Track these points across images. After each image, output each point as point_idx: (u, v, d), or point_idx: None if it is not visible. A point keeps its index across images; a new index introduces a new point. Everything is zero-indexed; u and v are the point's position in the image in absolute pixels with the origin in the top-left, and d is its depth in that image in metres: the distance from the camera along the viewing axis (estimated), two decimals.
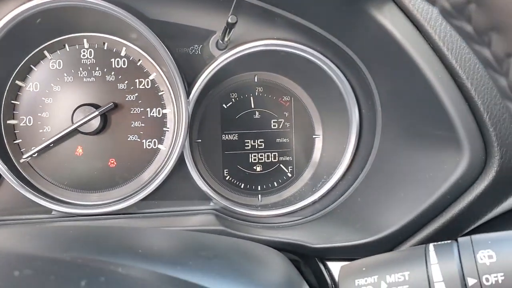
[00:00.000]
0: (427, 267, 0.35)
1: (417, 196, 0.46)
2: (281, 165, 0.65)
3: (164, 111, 0.60)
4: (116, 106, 0.59)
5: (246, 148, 0.65)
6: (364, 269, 0.38)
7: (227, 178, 0.64)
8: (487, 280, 0.33)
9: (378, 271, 0.36)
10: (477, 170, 0.44)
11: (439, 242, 0.37)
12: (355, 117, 0.58)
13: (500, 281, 0.33)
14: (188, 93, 0.57)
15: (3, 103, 0.58)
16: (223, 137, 0.64)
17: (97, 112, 0.57)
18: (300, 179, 0.64)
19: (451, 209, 0.45)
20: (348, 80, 0.57)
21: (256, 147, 0.65)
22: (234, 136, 0.64)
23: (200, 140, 0.63)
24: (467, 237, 0.36)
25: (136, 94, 0.60)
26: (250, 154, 0.65)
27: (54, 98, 0.59)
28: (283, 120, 0.65)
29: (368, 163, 0.54)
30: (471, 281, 0.34)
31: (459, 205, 0.45)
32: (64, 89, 0.59)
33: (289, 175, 0.65)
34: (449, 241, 0.37)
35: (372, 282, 0.36)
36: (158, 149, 0.61)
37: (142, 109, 0.61)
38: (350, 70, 0.57)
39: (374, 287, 0.36)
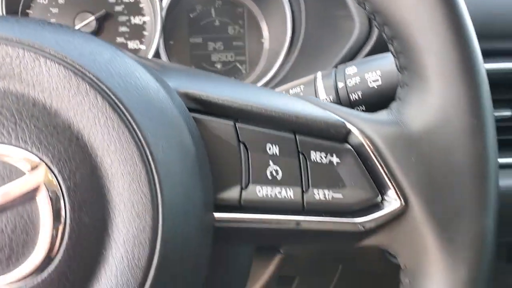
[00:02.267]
0: (315, 82, 0.54)
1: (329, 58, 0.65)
2: (237, 63, 0.84)
3: (143, 18, 0.78)
4: (107, 14, 0.77)
5: (209, 49, 0.83)
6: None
7: None
8: (350, 82, 0.52)
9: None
10: (364, 36, 0.63)
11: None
12: (289, 17, 0.76)
13: (357, 83, 0.52)
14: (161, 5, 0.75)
15: (19, 12, 0.76)
16: (190, 40, 0.82)
17: (93, 17, 0.76)
18: (252, 74, 0.83)
19: None
20: None
21: (217, 48, 0.83)
22: (199, 39, 0.82)
23: (172, 42, 0.81)
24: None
25: (122, 6, 0.79)
26: (211, 54, 0.83)
27: (59, 8, 0.77)
28: (238, 27, 0.83)
29: (297, 48, 0.73)
30: (340, 84, 0.52)
31: None
32: (67, 1, 0.77)
33: (243, 72, 0.84)
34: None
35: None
36: (139, 49, 0.79)
37: (127, 18, 0.79)
38: None
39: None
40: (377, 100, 0.52)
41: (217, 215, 0.35)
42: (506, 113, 0.67)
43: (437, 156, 0.35)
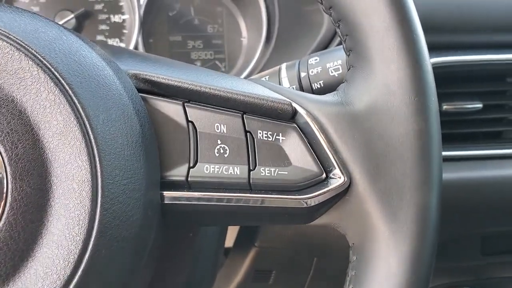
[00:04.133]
0: (279, 73, 0.55)
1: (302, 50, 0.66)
2: (216, 61, 0.85)
3: (123, 17, 0.80)
4: (87, 12, 0.79)
5: (188, 47, 0.84)
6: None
7: None
8: (312, 72, 0.53)
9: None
10: (333, 29, 0.64)
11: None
12: (264, 15, 0.77)
13: (319, 72, 0.53)
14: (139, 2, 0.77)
15: None
16: (170, 38, 0.83)
17: (73, 15, 0.77)
18: (231, 71, 0.84)
19: None
20: None
21: (196, 46, 0.84)
22: (179, 37, 0.83)
23: (152, 40, 0.82)
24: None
25: (102, 4, 0.80)
26: (191, 52, 0.84)
27: (40, 6, 0.78)
28: (217, 25, 0.84)
29: (272, 44, 0.75)
30: (302, 74, 0.53)
31: None
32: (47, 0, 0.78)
33: (223, 69, 0.85)
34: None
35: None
36: (119, 46, 0.81)
37: (106, 16, 0.80)
38: None
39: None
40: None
41: (164, 193, 0.36)
42: (477, 105, 0.68)
43: (379, 132, 0.36)
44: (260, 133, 0.37)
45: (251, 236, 0.70)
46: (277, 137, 0.37)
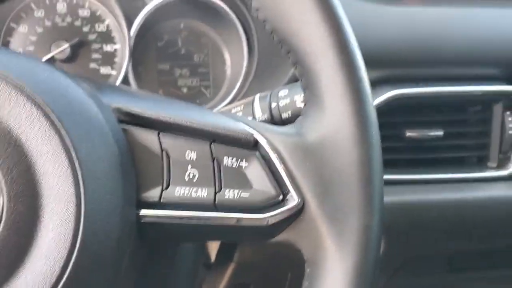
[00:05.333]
0: (253, 103, 0.61)
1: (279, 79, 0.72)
2: (202, 88, 0.90)
3: (114, 46, 0.86)
4: (81, 42, 0.84)
5: (175, 75, 0.90)
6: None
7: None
8: (281, 103, 0.59)
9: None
10: None
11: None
12: (245, 46, 0.83)
13: (287, 103, 0.58)
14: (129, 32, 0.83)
15: (1, 40, 0.84)
16: (158, 67, 0.89)
17: (68, 44, 0.83)
18: (216, 97, 0.90)
19: None
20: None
21: (183, 74, 0.90)
22: (167, 66, 0.89)
23: (141, 68, 0.88)
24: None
25: (96, 35, 0.86)
26: (178, 80, 0.90)
27: (37, 36, 0.84)
28: (202, 55, 0.90)
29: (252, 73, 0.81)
30: (273, 105, 0.59)
31: None
32: (44, 30, 0.84)
33: (208, 95, 0.90)
34: None
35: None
36: (110, 74, 0.86)
37: (99, 45, 0.86)
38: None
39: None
40: None
41: (140, 211, 0.41)
42: (438, 132, 0.73)
43: (328, 161, 0.41)
44: (225, 159, 0.43)
45: (229, 252, 0.75)
46: (240, 163, 0.42)
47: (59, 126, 0.36)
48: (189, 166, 0.42)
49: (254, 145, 0.43)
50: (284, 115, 0.58)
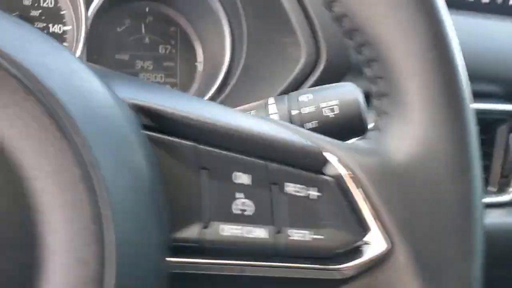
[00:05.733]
0: (266, 108, 0.49)
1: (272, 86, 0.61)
2: (166, 86, 0.77)
3: (64, 28, 0.70)
4: (21, 18, 0.67)
5: (136, 68, 0.76)
6: None
7: None
8: (304, 110, 0.48)
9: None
10: (311, 66, 0.59)
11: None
12: (228, 40, 0.71)
13: (313, 111, 0.48)
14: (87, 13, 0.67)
15: None
16: (116, 56, 0.74)
17: None
18: None
19: None
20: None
21: (145, 67, 0.76)
22: (126, 56, 0.75)
23: (96, 57, 0.73)
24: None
25: (40, 11, 0.70)
26: (139, 73, 0.76)
27: None
28: (169, 46, 0.77)
29: (237, 74, 0.68)
30: (294, 112, 0.48)
31: None
32: None
33: None
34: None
35: None
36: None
37: (44, 24, 0.70)
38: None
39: None
40: (333, 131, 0.48)
41: (172, 259, 0.28)
42: None
43: (422, 193, 0.31)
44: (287, 185, 0.31)
45: None
46: (309, 191, 0.31)
47: (71, 131, 0.23)
48: (237, 194, 0.30)
49: (322, 166, 0.32)
50: (308, 125, 0.47)
